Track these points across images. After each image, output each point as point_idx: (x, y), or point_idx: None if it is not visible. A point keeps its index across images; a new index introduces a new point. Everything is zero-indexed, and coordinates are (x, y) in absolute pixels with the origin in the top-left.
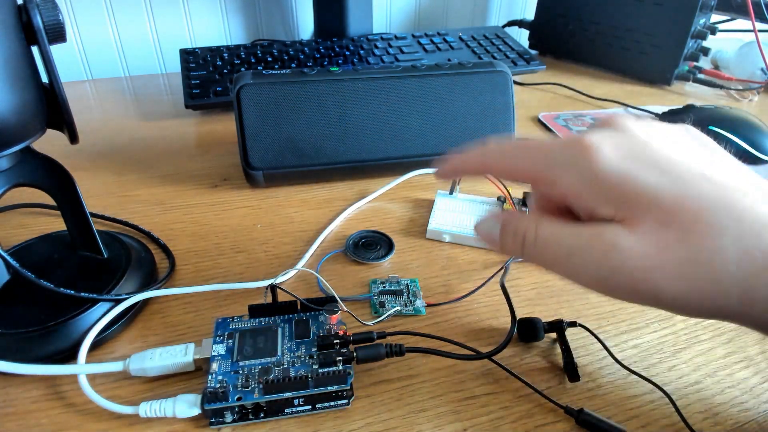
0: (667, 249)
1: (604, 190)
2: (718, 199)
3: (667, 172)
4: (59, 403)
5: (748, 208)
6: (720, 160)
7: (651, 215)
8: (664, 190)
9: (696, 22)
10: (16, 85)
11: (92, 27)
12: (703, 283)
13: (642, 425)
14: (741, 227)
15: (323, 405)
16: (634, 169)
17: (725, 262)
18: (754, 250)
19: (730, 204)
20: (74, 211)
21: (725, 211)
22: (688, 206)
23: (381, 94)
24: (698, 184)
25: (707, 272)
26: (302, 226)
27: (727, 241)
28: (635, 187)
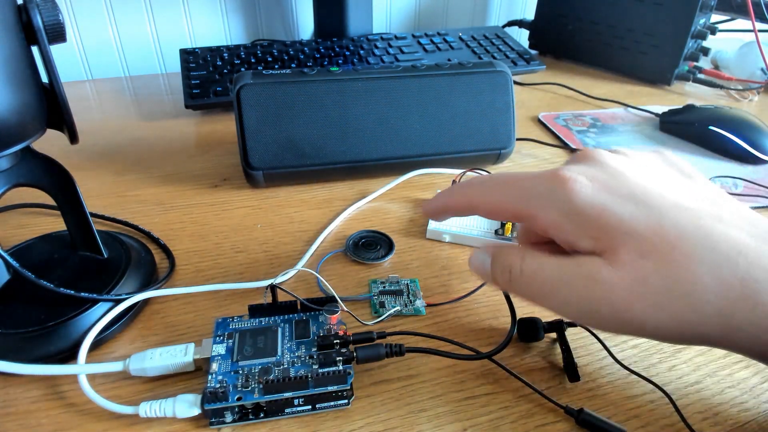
0: (646, 280)
1: (582, 223)
2: (693, 228)
3: (642, 202)
4: (59, 403)
5: (722, 235)
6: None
7: (628, 247)
8: (640, 221)
9: (696, 22)
10: (16, 85)
11: (92, 27)
12: (683, 313)
13: (642, 425)
14: (716, 256)
15: (323, 405)
16: (610, 202)
17: (703, 292)
18: (731, 278)
19: (705, 233)
20: (74, 211)
21: (700, 240)
22: (664, 236)
23: (381, 94)
24: (673, 213)
25: (686, 303)
26: (302, 226)
27: (704, 270)
28: (612, 219)
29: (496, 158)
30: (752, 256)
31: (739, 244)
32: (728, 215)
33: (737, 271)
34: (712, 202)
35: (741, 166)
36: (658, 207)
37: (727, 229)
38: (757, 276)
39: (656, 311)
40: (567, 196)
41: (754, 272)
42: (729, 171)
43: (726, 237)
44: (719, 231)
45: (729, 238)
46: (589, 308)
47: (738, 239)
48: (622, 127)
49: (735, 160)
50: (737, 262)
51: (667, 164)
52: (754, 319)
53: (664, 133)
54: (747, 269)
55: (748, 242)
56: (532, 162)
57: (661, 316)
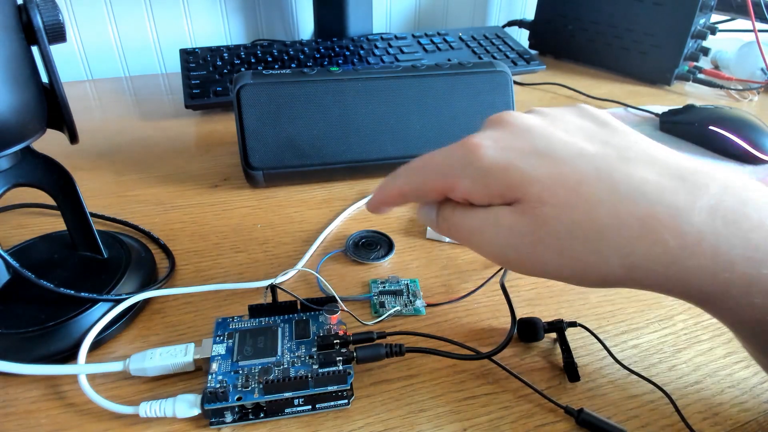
0: (547, 225)
1: (490, 183)
2: (593, 171)
3: (544, 155)
4: (59, 403)
5: (624, 175)
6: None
7: (530, 195)
8: (542, 172)
9: (696, 22)
10: (16, 85)
11: (92, 27)
12: (583, 255)
13: (642, 425)
14: (616, 197)
15: (323, 405)
16: (513, 158)
17: (602, 232)
18: (629, 218)
19: (605, 175)
20: (74, 211)
21: (600, 183)
22: (564, 182)
23: (381, 94)
24: (574, 160)
25: (585, 244)
26: (302, 226)
27: (603, 212)
28: (515, 173)
29: None
30: (653, 193)
31: (641, 184)
32: (636, 156)
33: (636, 210)
34: (620, 146)
35: (741, 166)
36: (561, 157)
37: (630, 170)
38: (657, 212)
39: (557, 254)
40: (475, 160)
41: (653, 209)
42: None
43: (628, 177)
44: (622, 172)
45: (631, 178)
46: (499, 251)
47: (641, 178)
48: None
49: (735, 160)
50: (636, 201)
51: (580, 116)
52: (652, 256)
53: (664, 133)
54: (647, 207)
55: (651, 179)
56: None
57: (562, 259)
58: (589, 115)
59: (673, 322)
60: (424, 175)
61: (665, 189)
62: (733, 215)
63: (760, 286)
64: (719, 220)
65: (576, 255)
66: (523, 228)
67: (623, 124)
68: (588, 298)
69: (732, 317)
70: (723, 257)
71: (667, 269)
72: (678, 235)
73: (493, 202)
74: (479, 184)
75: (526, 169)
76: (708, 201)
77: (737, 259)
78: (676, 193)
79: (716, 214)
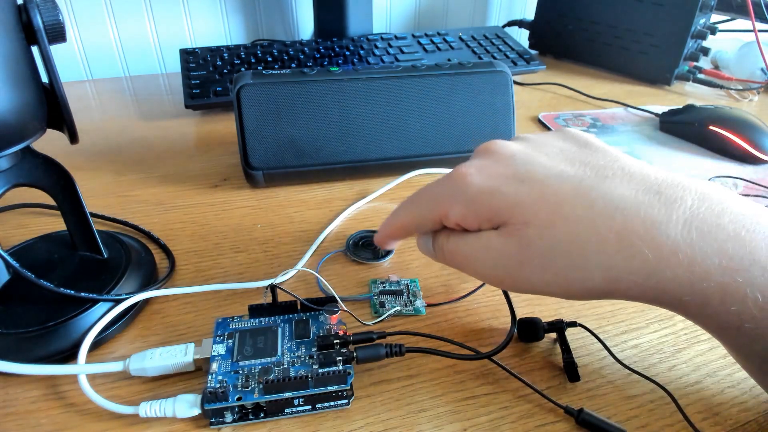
0: (530, 245)
1: (478, 209)
2: (572, 191)
3: (526, 179)
4: (59, 403)
5: (601, 192)
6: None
7: (515, 218)
8: (524, 195)
9: (696, 22)
10: (16, 85)
11: (92, 27)
12: (566, 271)
13: (642, 425)
14: (594, 213)
15: (323, 405)
16: (498, 184)
17: (582, 248)
18: (607, 233)
19: (583, 193)
20: (74, 211)
21: (578, 201)
22: (545, 203)
23: (381, 94)
24: (555, 182)
25: (568, 261)
26: (302, 226)
27: (582, 229)
28: (500, 199)
29: None
30: (630, 208)
31: (617, 200)
32: (612, 173)
33: (614, 225)
34: (599, 166)
35: (741, 166)
36: (541, 180)
37: (608, 187)
38: (634, 226)
39: (542, 271)
40: (463, 188)
41: (630, 223)
42: (729, 171)
43: (605, 195)
44: (599, 190)
45: (607, 195)
46: (491, 273)
47: (617, 195)
48: (622, 127)
49: (735, 160)
50: (613, 216)
51: (563, 139)
52: (632, 269)
53: (664, 133)
54: (623, 222)
55: (628, 196)
56: None
57: (548, 276)
58: (571, 137)
59: (673, 322)
60: (421, 206)
61: (641, 203)
62: (708, 226)
63: (736, 294)
64: (694, 231)
65: (560, 271)
66: (510, 249)
67: (604, 143)
68: None
69: (712, 325)
70: (699, 267)
71: (647, 280)
72: (655, 247)
73: (483, 226)
74: (469, 210)
75: (510, 194)
76: (683, 213)
77: (713, 269)
78: (652, 207)
79: (692, 225)
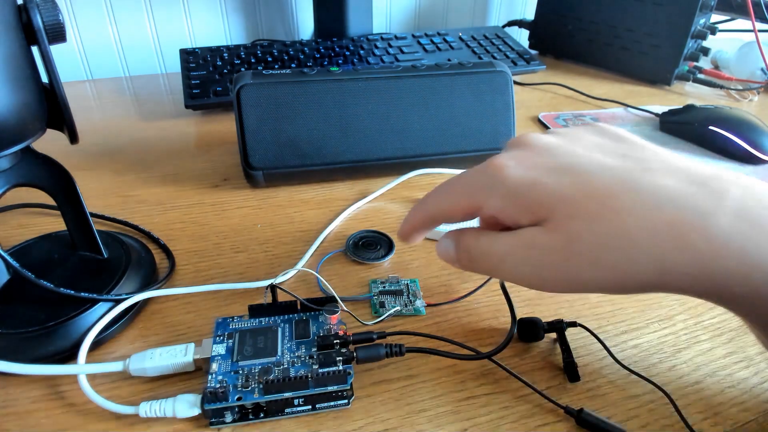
0: (580, 239)
1: (518, 201)
2: (619, 183)
3: (569, 171)
4: (59, 403)
5: (648, 184)
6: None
7: (560, 212)
8: (569, 187)
9: (696, 22)
10: (16, 85)
11: (92, 27)
12: (619, 264)
13: (642, 425)
14: (643, 205)
15: (323, 405)
16: (539, 176)
17: (634, 241)
18: (659, 224)
19: (631, 186)
20: (74, 211)
21: (627, 193)
22: (592, 195)
23: (381, 94)
24: (600, 173)
25: (620, 254)
26: (302, 226)
27: (632, 221)
28: (542, 191)
29: None
30: (679, 199)
31: (665, 191)
32: (657, 166)
33: (664, 217)
34: (640, 158)
35: (741, 166)
36: (585, 171)
37: (654, 179)
38: (684, 217)
39: (593, 267)
40: (501, 180)
41: (681, 214)
42: None
43: (651, 187)
44: (646, 182)
45: (654, 187)
46: (533, 272)
47: (665, 186)
48: (622, 127)
49: (735, 160)
50: (663, 208)
51: (597, 134)
52: (684, 260)
53: (664, 133)
54: (674, 213)
55: (675, 187)
56: None
57: (599, 270)
58: (606, 132)
59: (673, 322)
60: (454, 195)
61: (689, 195)
62: (758, 217)
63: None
64: (745, 222)
65: (611, 265)
66: (556, 244)
67: (637, 137)
68: (588, 298)
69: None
70: (751, 259)
71: (699, 272)
72: (706, 238)
73: (521, 221)
74: (507, 202)
75: (553, 185)
76: (732, 204)
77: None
78: (701, 198)
79: (741, 216)
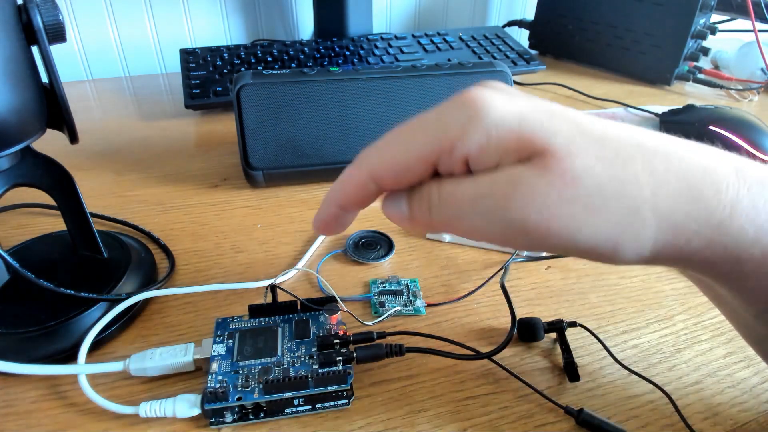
0: (578, 180)
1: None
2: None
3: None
4: (59, 403)
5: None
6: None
7: (555, 146)
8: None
9: (696, 22)
10: (16, 85)
11: (92, 27)
12: (620, 215)
13: (642, 425)
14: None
15: (323, 405)
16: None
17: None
18: (666, 174)
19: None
20: (74, 211)
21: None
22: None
23: (381, 94)
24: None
25: (622, 202)
26: (302, 226)
27: (638, 167)
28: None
29: None
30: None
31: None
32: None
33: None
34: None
35: None
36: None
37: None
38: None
39: (588, 214)
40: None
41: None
42: None
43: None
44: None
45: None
46: (511, 221)
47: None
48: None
49: None
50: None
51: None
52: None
53: (664, 133)
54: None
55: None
56: None
57: (598, 220)
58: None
59: (673, 322)
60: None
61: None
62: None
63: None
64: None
65: (612, 216)
66: (550, 185)
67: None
68: (588, 298)
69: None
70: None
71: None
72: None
73: (504, 160)
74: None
75: (544, 122)
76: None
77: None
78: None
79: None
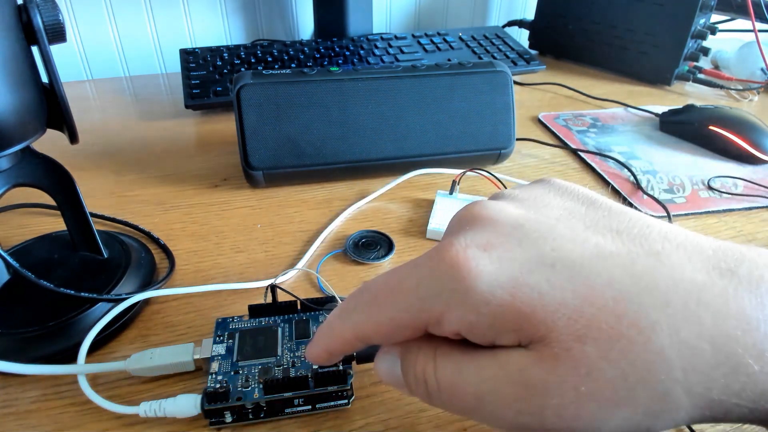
0: (593, 373)
1: (495, 314)
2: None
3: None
4: (59, 403)
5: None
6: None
7: (559, 329)
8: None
9: (696, 22)
10: (16, 85)
11: (92, 27)
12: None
13: None
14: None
15: (323, 405)
16: (520, 273)
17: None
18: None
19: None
20: (74, 211)
21: (648, 297)
22: (600, 303)
23: (381, 94)
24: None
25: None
26: (302, 226)
27: (663, 339)
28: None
29: (496, 158)
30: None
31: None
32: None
33: (702, 330)
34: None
35: (741, 166)
36: (579, 262)
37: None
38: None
39: (615, 409)
40: (467, 284)
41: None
42: (729, 171)
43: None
44: (663, 276)
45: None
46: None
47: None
48: (622, 127)
49: (735, 160)
50: (701, 317)
51: (561, 196)
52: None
53: (664, 133)
54: (715, 324)
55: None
56: (533, 162)
57: (623, 413)
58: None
59: None
60: (393, 306)
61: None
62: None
63: None
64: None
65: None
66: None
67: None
68: None
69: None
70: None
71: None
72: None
73: (499, 340)
74: (479, 316)
75: (542, 289)
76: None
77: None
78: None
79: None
